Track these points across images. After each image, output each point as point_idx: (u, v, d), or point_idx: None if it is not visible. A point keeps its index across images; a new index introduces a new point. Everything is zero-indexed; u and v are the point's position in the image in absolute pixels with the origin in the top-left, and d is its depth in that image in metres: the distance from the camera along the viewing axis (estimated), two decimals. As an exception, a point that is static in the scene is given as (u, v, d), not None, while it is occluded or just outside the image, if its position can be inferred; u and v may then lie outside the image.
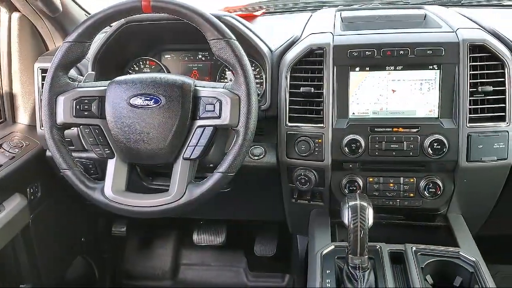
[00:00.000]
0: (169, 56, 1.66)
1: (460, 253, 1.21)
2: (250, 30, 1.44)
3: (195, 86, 1.16)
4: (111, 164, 1.19)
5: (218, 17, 1.22)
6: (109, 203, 1.16)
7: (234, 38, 1.13)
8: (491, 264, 2.15)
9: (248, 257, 2.26)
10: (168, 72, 1.64)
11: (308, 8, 1.90)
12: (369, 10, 1.72)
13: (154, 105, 1.13)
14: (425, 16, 1.56)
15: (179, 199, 1.13)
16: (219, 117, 1.11)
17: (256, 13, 1.85)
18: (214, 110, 1.12)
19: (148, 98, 1.14)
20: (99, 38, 1.49)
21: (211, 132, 1.13)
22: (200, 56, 1.63)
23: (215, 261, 2.27)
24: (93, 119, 1.18)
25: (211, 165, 1.25)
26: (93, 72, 1.31)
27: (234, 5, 1.95)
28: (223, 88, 1.14)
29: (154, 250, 2.31)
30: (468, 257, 1.19)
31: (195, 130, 1.14)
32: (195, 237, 2.19)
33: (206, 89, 1.15)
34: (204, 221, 2.23)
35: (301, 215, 1.53)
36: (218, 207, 1.79)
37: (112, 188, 1.17)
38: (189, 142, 1.14)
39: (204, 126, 1.13)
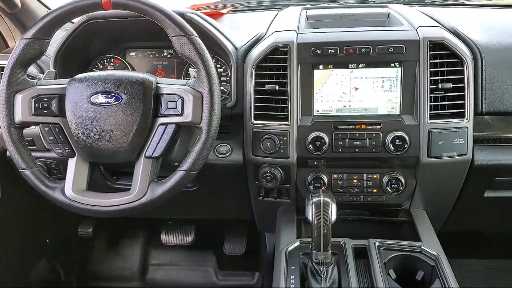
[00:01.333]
0: (134, 53, 1.64)
1: (422, 247, 1.23)
2: (215, 28, 1.44)
3: (157, 83, 1.14)
4: (71, 163, 1.17)
5: (181, 14, 1.22)
6: (69, 203, 1.14)
7: (196, 35, 1.12)
8: (456, 259, 2.21)
9: (217, 256, 2.25)
10: (133, 70, 1.62)
11: (275, 7, 1.91)
12: (335, 9, 1.74)
13: (115, 102, 1.12)
14: (388, 15, 1.59)
15: (141, 198, 1.12)
16: (181, 114, 1.10)
17: (222, 11, 1.85)
18: (176, 108, 1.11)
19: (109, 96, 1.12)
20: (61, 35, 1.46)
21: (173, 129, 1.12)
22: (165, 54, 1.62)
23: (184, 261, 2.25)
24: (53, 117, 1.16)
25: (175, 163, 1.24)
26: (53, 70, 1.29)
27: (201, 3, 1.94)
28: (185, 85, 1.13)
29: (121, 251, 2.27)
30: (430, 251, 1.21)
31: (157, 128, 1.12)
32: (163, 237, 2.17)
33: (168, 86, 1.14)
34: (172, 221, 2.21)
35: (268, 212, 1.54)
36: (186, 206, 1.78)
37: (72, 188, 1.15)
38: (151, 140, 1.13)
39: (166, 124, 1.12)
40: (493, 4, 1.93)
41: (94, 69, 1.62)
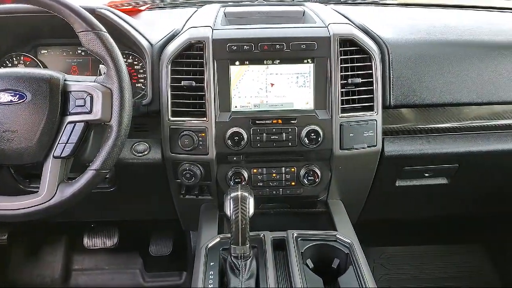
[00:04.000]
0: (46, 51, 1.57)
1: (337, 236, 1.27)
2: (128, 24, 1.40)
3: (65, 80, 1.11)
4: (-28, 165, 1.11)
5: (92, 10, 1.19)
6: None
7: (104, 30, 1.10)
8: (377, 247, 2.32)
9: (143, 258, 2.20)
10: (45, 68, 1.55)
11: (195, 4, 1.90)
12: (253, 7, 1.76)
13: (19, 101, 1.07)
14: (303, 13, 1.63)
15: (49, 200, 1.08)
16: (90, 112, 1.08)
17: (141, 8, 1.81)
18: (84, 105, 1.08)
19: (12, 94, 1.07)
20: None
21: (82, 128, 1.09)
22: (79, 51, 1.56)
23: (109, 264, 2.19)
24: None
25: (90, 163, 1.20)
26: None
27: (120, -1, 1.90)
28: (94, 81, 1.10)
29: (42, 257, 2.16)
30: (344, 239, 1.25)
31: (65, 127, 1.09)
32: (86, 240, 2.10)
33: (76, 83, 1.11)
34: (95, 224, 2.14)
35: (191, 210, 1.53)
36: (107, 208, 1.73)
37: None
38: (59, 140, 1.09)
39: (74, 122, 1.09)
40: (404, 3, 2.04)
41: (1, 68, 1.53)
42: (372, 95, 1.36)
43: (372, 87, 1.36)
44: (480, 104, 1.48)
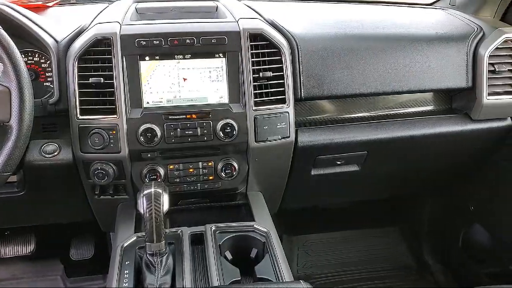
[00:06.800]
0: None
1: (254, 226, 1.29)
2: (30, 20, 1.34)
3: None
4: None
5: (-13, 5, 1.12)
6: None
7: None
8: (301, 235, 2.39)
9: (64, 263, 2.12)
10: None
11: (108, 0, 1.85)
12: (166, 2, 1.74)
13: None
14: (216, 8, 1.64)
15: None
16: None
17: (48, 4, 1.74)
18: None
19: None
20: None
21: None
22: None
23: (27, 273, 2.07)
24: None
25: None
26: None
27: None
28: None
29: (-51, 271, 2.03)
30: (261, 229, 1.28)
31: None
32: (-2, 249, 1.99)
33: None
34: (9, 231, 2.03)
35: (108, 211, 1.49)
36: (19, 213, 1.64)
37: None
38: None
39: None
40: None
41: None
42: (283, 88, 1.40)
43: (283, 81, 1.39)
44: (385, 94, 1.56)
